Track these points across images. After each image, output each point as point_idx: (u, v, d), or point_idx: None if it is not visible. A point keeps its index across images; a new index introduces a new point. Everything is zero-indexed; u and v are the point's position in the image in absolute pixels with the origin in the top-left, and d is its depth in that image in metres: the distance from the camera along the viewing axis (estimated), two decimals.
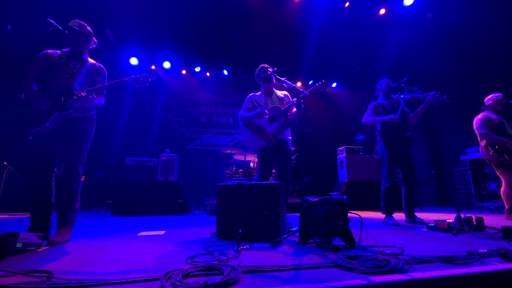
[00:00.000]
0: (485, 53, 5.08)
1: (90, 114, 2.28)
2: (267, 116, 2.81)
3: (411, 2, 5.43)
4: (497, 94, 3.63)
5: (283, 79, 2.70)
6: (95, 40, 2.38)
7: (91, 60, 2.33)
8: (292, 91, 2.55)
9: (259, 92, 3.05)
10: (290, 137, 2.95)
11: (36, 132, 1.97)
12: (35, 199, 2.05)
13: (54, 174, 2.15)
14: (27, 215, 2.11)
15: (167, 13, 5.59)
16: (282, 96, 3.03)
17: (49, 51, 2.22)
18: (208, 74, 7.84)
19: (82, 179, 2.21)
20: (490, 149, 3.45)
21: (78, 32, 2.23)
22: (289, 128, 2.95)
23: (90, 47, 2.35)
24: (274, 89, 3.03)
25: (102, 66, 2.37)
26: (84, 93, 2.05)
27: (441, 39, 5.62)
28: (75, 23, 2.24)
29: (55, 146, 2.12)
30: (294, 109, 2.82)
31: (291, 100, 2.97)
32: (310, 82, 8.41)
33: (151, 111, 7.38)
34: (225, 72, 7.89)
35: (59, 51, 2.25)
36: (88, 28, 2.31)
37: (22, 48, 4.84)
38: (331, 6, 5.60)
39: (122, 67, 6.79)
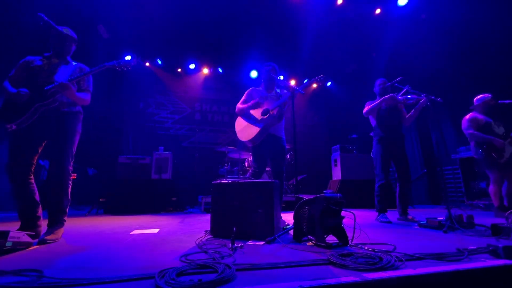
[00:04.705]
0: (477, 53, 5.16)
1: (76, 110, 2.24)
2: (263, 107, 2.82)
3: (405, 2, 5.47)
4: (486, 95, 3.70)
5: (277, 77, 2.73)
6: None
7: (74, 62, 2.32)
8: (288, 89, 2.58)
9: (260, 87, 3.06)
10: (284, 136, 2.94)
11: (15, 125, 1.92)
12: (18, 197, 1.99)
13: (32, 173, 2.06)
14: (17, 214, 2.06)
15: (161, 9, 5.51)
16: (280, 94, 3.06)
17: (29, 57, 2.19)
18: (203, 71, 7.79)
19: (73, 177, 2.17)
20: (479, 149, 3.53)
21: (72, 39, 2.29)
22: (283, 126, 2.95)
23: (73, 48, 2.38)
24: (275, 86, 3.07)
25: (86, 66, 2.36)
26: (64, 81, 2.01)
27: (434, 39, 5.68)
28: (68, 31, 2.28)
29: (34, 143, 2.05)
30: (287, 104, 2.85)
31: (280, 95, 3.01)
32: (305, 81, 8.42)
33: (145, 108, 7.30)
34: (220, 70, 7.86)
35: (39, 56, 2.22)
36: (76, 36, 2.37)
37: (9, 42, 4.72)
38: (326, 5, 5.61)
39: None
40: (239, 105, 2.95)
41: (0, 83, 2.06)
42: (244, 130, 2.84)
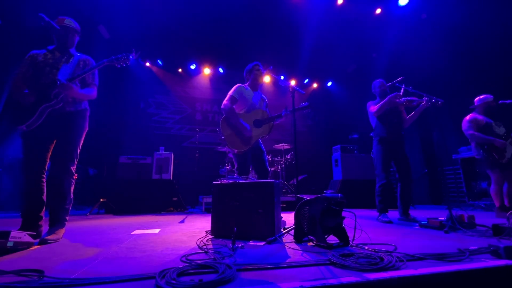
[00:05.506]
0: (478, 53, 5.16)
1: (82, 108, 2.24)
2: (254, 115, 2.85)
3: (406, 2, 5.46)
4: (487, 96, 3.69)
5: (279, 77, 2.73)
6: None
7: (78, 54, 2.32)
8: (288, 89, 2.59)
9: (246, 85, 3.04)
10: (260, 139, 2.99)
11: (26, 127, 1.94)
12: (26, 197, 2.01)
13: (45, 172, 2.10)
14: (18, 213, 2.07)
15: (162, 9, 5.52)
16: (265, 98, 3.13)
17: (34, 51, 2.20)
18: (203, 71, 7.81)
19: (74, 177, 2.18)
20: (480, 149, 3.52)
21: (74, 31, 2.28)
22: None
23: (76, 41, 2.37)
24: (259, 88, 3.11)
25: (89, 57, 2.34)
26: (65, 82, 2.02)
27: (435, 39, 5.68)
28: (71, 22, 2.27)
29: (46, 142, 2.08)
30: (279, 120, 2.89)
31: (266, 102, 3.09)
32: (306, 81, 8.44)
33: (145, 108, 7.31)
34: (221, 70, 7.87)
35: (44, 50, 2.23)
36: (79, 27, 2.35)
37: (12, 43, 4.74)
38: (326, 5, 5.61)
39: None
40: (229, 106, 2.80)
41: (4, 83, 2.08)
42: (233, 138, 2.80)
